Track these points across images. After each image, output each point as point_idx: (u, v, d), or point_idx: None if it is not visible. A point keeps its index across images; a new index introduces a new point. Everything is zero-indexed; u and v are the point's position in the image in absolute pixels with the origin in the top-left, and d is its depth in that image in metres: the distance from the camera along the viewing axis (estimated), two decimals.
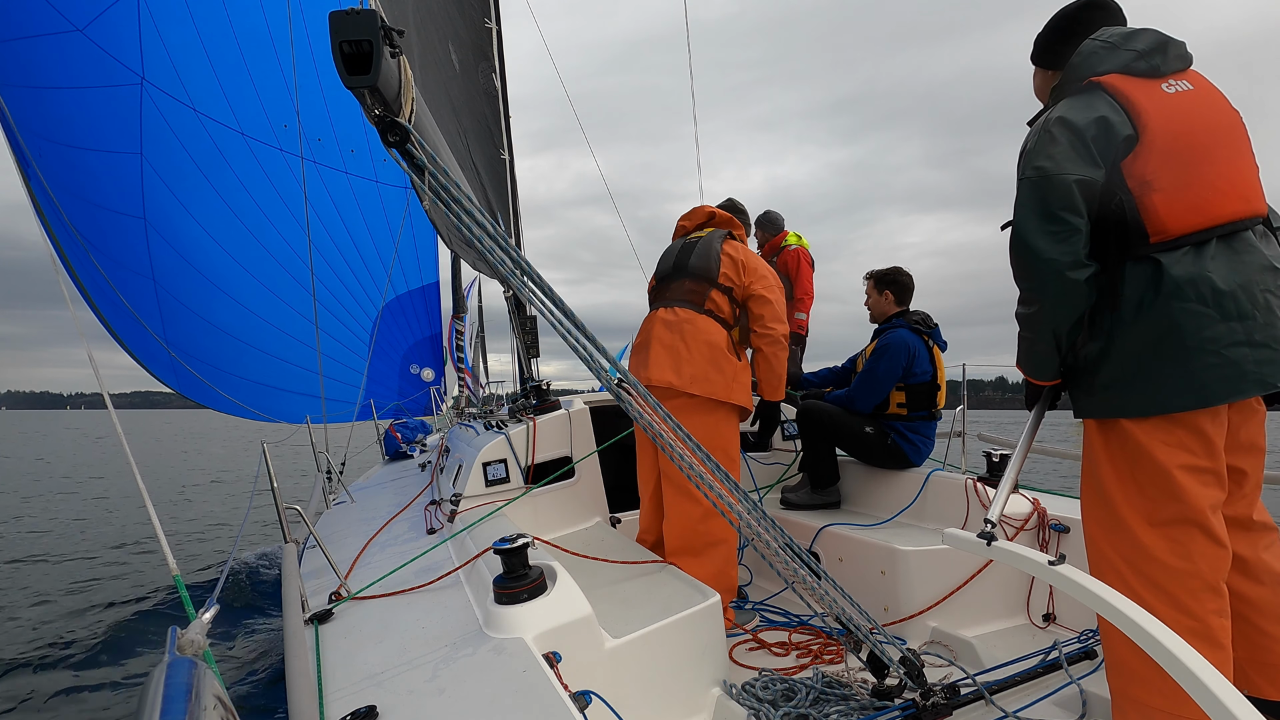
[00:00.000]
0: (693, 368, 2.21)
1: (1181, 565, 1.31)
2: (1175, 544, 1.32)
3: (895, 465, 2.83)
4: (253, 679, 3.31)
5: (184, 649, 0.93)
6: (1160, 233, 1.29)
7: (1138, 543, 1.35)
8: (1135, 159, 1.31)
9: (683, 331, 2.26)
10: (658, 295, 2.47)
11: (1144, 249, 1.30)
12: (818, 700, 1.67)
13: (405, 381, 8.47)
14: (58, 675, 3.53)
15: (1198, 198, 1.29)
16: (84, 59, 5.56)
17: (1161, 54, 1.38)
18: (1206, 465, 1.32)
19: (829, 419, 2.85)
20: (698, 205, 2.61)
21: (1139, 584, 1.34)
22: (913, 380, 2.75)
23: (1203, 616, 1.30)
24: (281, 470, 1.91)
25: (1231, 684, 0.95)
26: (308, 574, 1.98)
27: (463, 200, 1.38)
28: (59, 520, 8.06)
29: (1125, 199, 1.30)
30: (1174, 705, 1.28)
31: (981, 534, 1.36)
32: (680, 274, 2.39)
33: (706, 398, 2.20)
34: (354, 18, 1.11)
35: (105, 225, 6.06)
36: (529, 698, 1.07)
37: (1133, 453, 1.35)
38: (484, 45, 4.30)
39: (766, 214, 4.45)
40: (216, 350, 6.92)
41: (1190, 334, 1.27)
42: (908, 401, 2.76)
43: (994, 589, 2.23)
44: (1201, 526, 1.31)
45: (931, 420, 2.82)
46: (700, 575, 2.02)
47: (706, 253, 2.37)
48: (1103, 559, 1.42)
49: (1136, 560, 1.35)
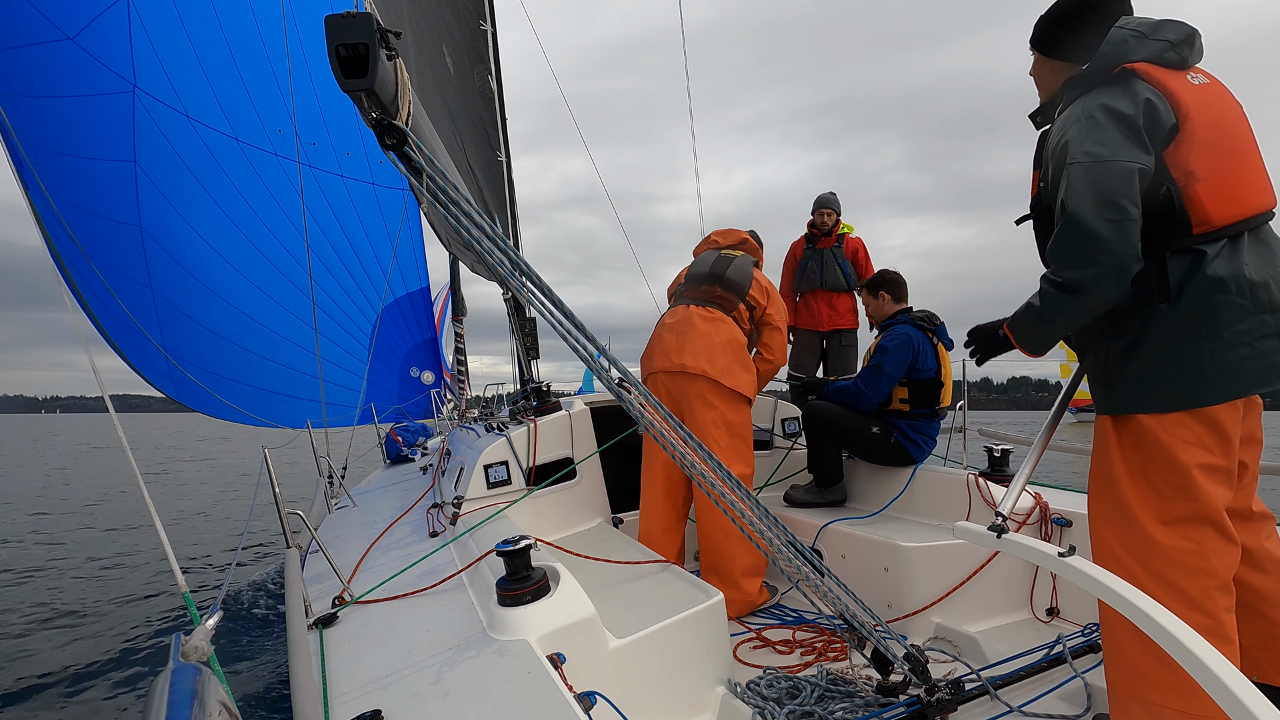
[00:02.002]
0: (725, 361, 2.51)
1: (1196, 564, 1.30)
2: (1190, 542, 1.31)
3: (898, 463, 2.83)
4: (257, 684, 3.30)
5: (188, 655, 0.93)
6: (1204, 224, 1.27)
7: (1151, 541, 1.34)
8: (1178, 149, 1.28)
9: (717, 329, 2.57)
10: (687, 292, 2.75)
11: (1186, 240, 1.29)
12: (822, 698, 1.66)
13: (405, 385, 8.46)
14: (62, 683, 3.53)
15: (1235, 189, 1.29)
16: (75, 67, 5.54)
17: (1189, 45, 1.36)
18: (1222, 464, 1.32)
19: (836, 420, 2.85)
20: (732, 228, 2.98)
21: (1150, 582, 1.33)
22: (917, 376, 2.75)
23: (1216, 614, 1.30)
24: (282, 475, 1.91)
25: (1245, 677, 0.94)
26: (311, 579, 1.98)
27: (461, 202, 1.37)
28: (65, 527, 8.04)
29: (1172, 188, 1.28)
30: (1185, 703, 1.26)
31: (992, 527, 1.37)
32: (715, 280, 2.71)
33: (732, 389, 2.50)
34: (350, 21, 1.11)
35: (101, 233, 6.04)
36: (534, 699, 1.07)
37: (1150, 450, 1.34)
38: (479, 47, 4.30)
39: (832, 197, 4.43)
40: (215, 356, 6.90)
41: (1227, 325, 1.26)
42: (910, 398, 2.76)
43: (997, 584, 2.23)
44: (1216, 525, 1.31)
45: (935, 418, 2.83)
46: (745, 558, 2.39)
47: (743, 271, 2.73)
48: (1111, 557, 1.40)
49: (1149, 558, 1.34)
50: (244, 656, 3.72)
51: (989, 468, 2.61)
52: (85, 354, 1.81)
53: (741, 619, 2.37)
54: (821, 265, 4.38)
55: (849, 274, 4.34)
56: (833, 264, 4.35)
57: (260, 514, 6.76)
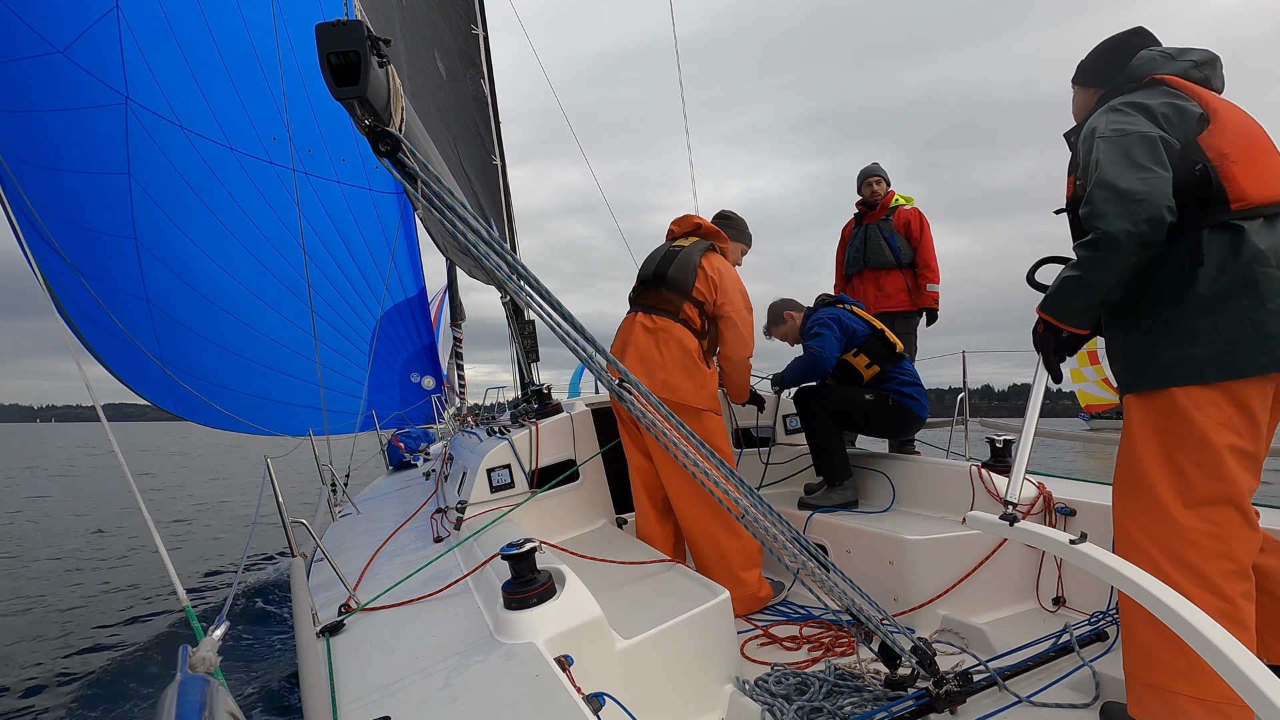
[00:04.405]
0: (665, 373, 2.35)
1: (1217, 547, 1.32)
2: (1213, 525, 1.32)
3: (906, 427, 2.82)
4: (265, 694, 3.30)
5: (195, 667, 0.93)
6: (1241, 200, 1.33)
7: (1172, 522, 1.35)
8: (1210, 134, 1.36)
9: (659, 339, 2.40)
10: (638, 298, 2.58)
11: (1225, 215, 1.33)
12: (831, 693, 1.67)
13: (406, 390, 8.46)
14: (68, 696, 3.53)
15: (1268, 173, 1.35)
16: (66, 81, 5.54)
17: (1212, 68, 1.51)
18: (1250, 449, 1.34)
19: (827, 396, 2.82)
20: (689, 214, 2.72)
21: (1168, 564, 1.34)
22: (859, 340, 2.81)
23: (1233, 599, 1.30)
24: (285, 483, 1.91)
25: (1263, 664, 0.94)
26: (316, 587, 1.98)
27: (456, 207, 1.37)
28: (66, 538, 8.04)
29: (1207, 166, 1.34)
30: (1201, 690, 1.27)
31: (1004, 515, 1.37)
32: (659, 283, 2.51)
33: (676, 402, 2.32)
34: (341, 29, 1.11)
35: (95, 249, 6.03)
36: (542, 702, 1.07)
37: (1180, 430, 1.36)
38: (471, 52, 4.30)
39: (876, 166, 4.00)
40: (215, 367, 6.90)
41: (1269, 296, 1.30)
42: (872, 359, 2.81)
43: (1003, 574, 2.23)
44: (1240, 508, 1.32)
45: (906, 360, 2.88)
46: (741, 551, 2.34)
47: (686, 265, 2.48)
48: (1131, 544, 1.41)
49: (1168, 540, 1.35)
50: (251, 667, 3.72)
51: (991, 458, 2.61)
52: (76, 365, 1.80)
53: (748, 616, 2.37)
54: (865, 241, 3.85)
55: (898, 249, 3.77)
56: (878, 239, 3.80)
57: (264, 521, 6.76)
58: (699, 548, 2.40)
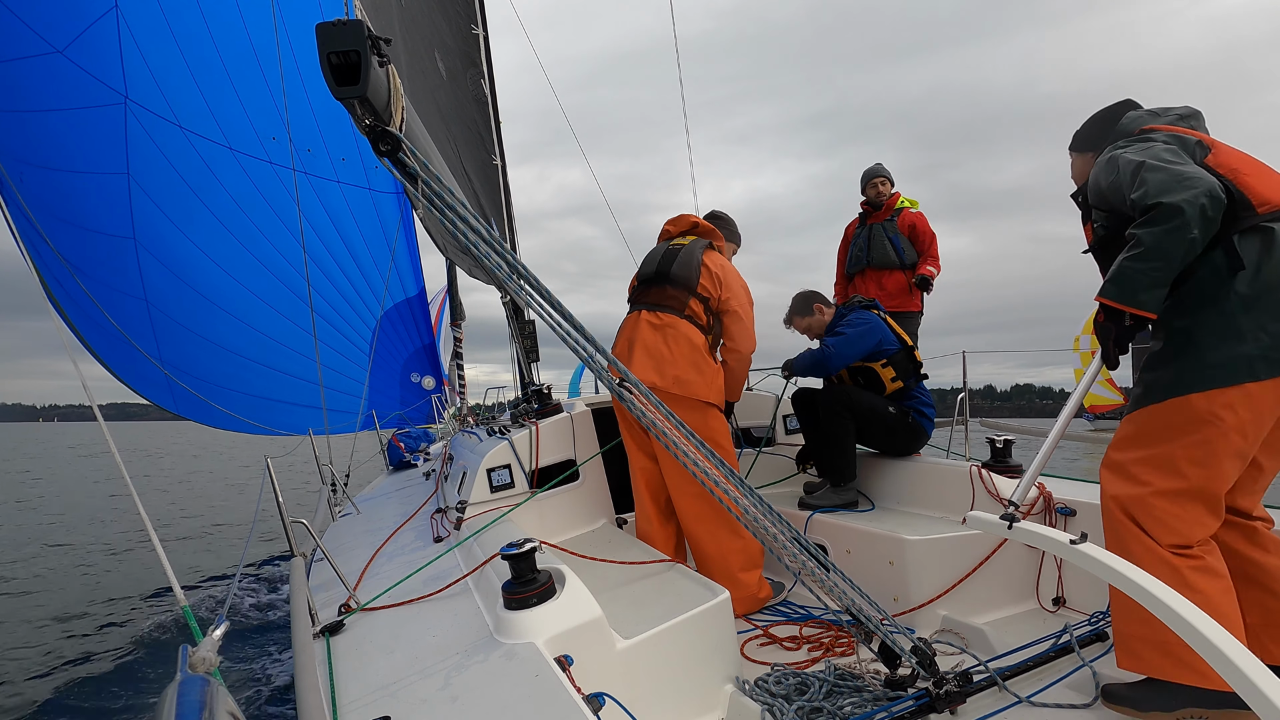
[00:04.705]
0: (675, 369, 2.35)
1: (1179, 527, 1.42)
2: (1179, 508, 1.42)
3: (914, 446, 2.85)
4: (265, 694, 3.30)
5: (195, 667, 0.93)
6: (1265, 203, 1.38)
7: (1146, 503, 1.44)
8: (1215, 156, 1.45)
9: (666, 335, 2.40)
10: (640, 296, 2.57)
11: (1253, 219, 1.38)
12: (831, 693, 1.66)
13: (407, 390, 8.46)
14: (68, 696, 3.52)
15: (1278, 180, 1.42)
16: (66, 81, 5.53)
17: (1196, 119, 1.60)
18: (1249, 449, 1.40)
19: (853, 399, 2.78)
20: (684, 213, 2.73)
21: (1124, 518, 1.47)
22: (890, 352, 2.82)
23: (1179, 567, 1.40)
24: (284, 483, 1.91)
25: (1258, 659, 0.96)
26: (316, 587, 1.97)
27: (456, 207, 1.37)
28: (64, 537, 8.04)
29: (1224, 180, 1.38)
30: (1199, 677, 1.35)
31: (1004, 516, 1.38)
32: (663, 280, 2.51)
33: (687, 397, 2.33)
34: (341, 29, 1.11)
35: (94, 249, 6.03)
36: (542, 702, 1.07)
37: (1192, 429, 1.40)
38: (471, 52, 4.30)
39: (880, 166, 4.06)
40: (214, 366, 6.90)
41: None
42: (899, 374, 2.82)
43: (1003, 575, 2.23)
44: (1210, 500, 1.41)
45: (923, 380, 2.91)
46: (743, 552, 2.34)
47: (689, 262, 2.50)
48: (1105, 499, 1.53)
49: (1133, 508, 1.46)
50: (251, 667, 3.72)
51: (991, 459, 2.61)
52: (73, 364, 1.79)
53: (748, 616, 2.37)
54: (869, 241, 3.89)
55: (901, 249, 3.82)
56: (882, 239, 3.85)
57: (263, 520, 6.75)
58: (701, 547, 2.40)
